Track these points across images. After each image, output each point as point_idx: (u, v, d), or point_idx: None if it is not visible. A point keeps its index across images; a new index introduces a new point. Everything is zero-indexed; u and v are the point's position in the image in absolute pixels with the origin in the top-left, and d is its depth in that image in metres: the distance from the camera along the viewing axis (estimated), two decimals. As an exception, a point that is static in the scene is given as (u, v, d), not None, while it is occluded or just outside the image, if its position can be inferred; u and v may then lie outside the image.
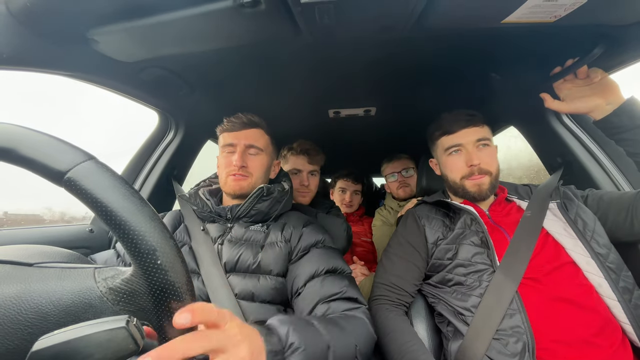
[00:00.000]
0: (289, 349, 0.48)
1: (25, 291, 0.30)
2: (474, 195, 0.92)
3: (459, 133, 0.94)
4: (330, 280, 0.77)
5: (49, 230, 1.02)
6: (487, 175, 0.91)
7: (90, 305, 0.31)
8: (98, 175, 0.31)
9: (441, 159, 1.00)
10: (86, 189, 0.30)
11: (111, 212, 0.30)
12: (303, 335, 0.51)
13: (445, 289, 0.87)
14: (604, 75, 0.77)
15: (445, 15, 0.65)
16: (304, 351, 0.49)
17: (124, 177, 0.36)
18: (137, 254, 0.30)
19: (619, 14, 0.66)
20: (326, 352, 0.54)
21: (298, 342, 0.49)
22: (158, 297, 0.32)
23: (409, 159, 1.78)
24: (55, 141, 0.31)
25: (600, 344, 0.66)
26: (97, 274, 0.33)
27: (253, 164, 0.94)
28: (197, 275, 0.81)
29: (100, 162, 0.32)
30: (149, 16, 0.63)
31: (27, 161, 0.30)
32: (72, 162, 0.30)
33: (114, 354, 0.28)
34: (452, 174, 0.96)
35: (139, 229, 0.30)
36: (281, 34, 0.71)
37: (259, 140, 0.97)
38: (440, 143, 0.98)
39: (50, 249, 0.41)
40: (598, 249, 0.76)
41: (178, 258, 0.33)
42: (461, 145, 0.93)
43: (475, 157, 0.90)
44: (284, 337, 0.49)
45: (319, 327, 0.57)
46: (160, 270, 0.31)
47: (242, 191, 0.93)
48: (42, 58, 0.70)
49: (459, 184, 0.94)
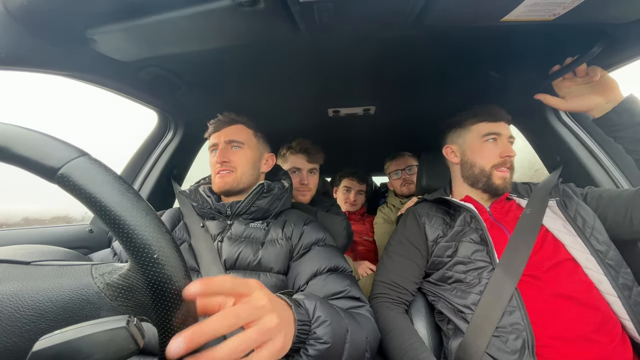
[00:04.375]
0: (316, 321, 0.50)
1: (22, 289, 0.30)
2: (497, 187, 0.92)
3: (500, 123, 0.96)
4: (332, 279, 0.77)
5: (48, 231, 1.02)
6: (511, 170, 0.94)
7: (88, 301, 0.31)
8: (91, 171, 0.31)
9: (472, 145, 0.98)
10: (79, 185, 0.30)
11: (105, 208, 0.30)
12: (328, 311, 0.53)
13: (445, 286, 0.87)
14: (603, 73, 0.77)
15: (444, 14, 0.65)
16: (330, 325, 0.51)
17: (122, 176, 0.36)
18: (133, 248, 0.30)
19: (618, 12, 0.66)
20: (345, 334, 0.55)
21: (325, 316, 0.51)
22: (156, 291, 0.31)
23: (412, 157, 1.80)
24: (47, 138, 0.31)
25: (600, 341, 0.67)
26: (95, 270, 0.33)
27: (235, 158, 0.95)
28: (196, 272, 0.81)
29: (93, 158, 0.32)
30: (148, 15, 0.63)
31: (20, 159, 0.30)
32: (65, 158, 0.30)
33: (115, 354, 0.28)
34: (483, 160, 0.95)
35: (134, 224, 0.30)
36: (280, 32, 0.71)
37: (238, 134, 0.98)
38: (477, 128, 0.98)
39: (47, 248, 0.41)
40: (597, 246, 0.76)
41: (175, 252, 0.32)
42: (499, 134, 0.94)
43: (511, 149, 0.93)
44: (312, 310, 0.51)
45: (339, 311, 0.59)
46: (157, 264, 0.31)
47: (226, 187, 0.93)
48: (40, 58, 0.70)
49: (487, 172, 0.94)
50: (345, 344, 0.55)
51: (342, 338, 0.54)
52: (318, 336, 0.49)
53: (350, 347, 0.55)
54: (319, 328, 0.50)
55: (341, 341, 0.54)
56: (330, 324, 0.51)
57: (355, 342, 0.57)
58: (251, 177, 0.98)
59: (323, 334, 0.49)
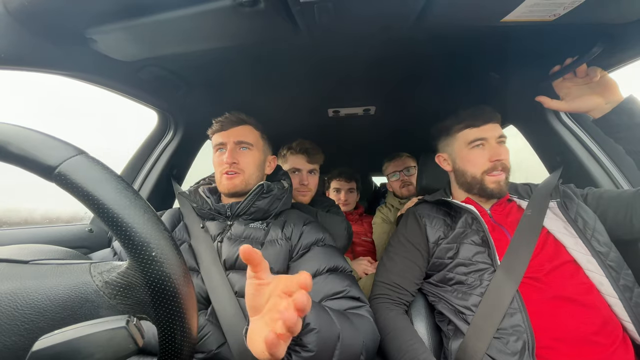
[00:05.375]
0: (305, 328, 0.49)
1: (20, 288, 0.30)
2: (492, 191, 0.91)
3: (484, 127, 0.93)
4: (332, 279, 0.77)
5: (48, 230, 1.02)
6: (505, 172, 0.91)
7: (87, 299, 0.31)
8: (89, 170, 0.31)
9: (460, 153, 0.97)
10: (77, 183, 0.30)
11: (103, 206, 0.30)
12: (319, 319, 0.52)
13: (445, 287, 0.87)
14: (603, 73, 0.77)
15: (445, 14, 0.65)
16: (317, 333, 0.50)
17: (122, 176, 0.36)
18: (132, 246, 0.30)
19: (618, 12, 0.65)
20: (336, 341, 0.55)
21: (314, 324, 0.50)
22: (155, 289, 0.32)
23: (411, 158, 1.78)
24: (43, 137, 0.31)
25: (600, 342, 0.66)
26: (93, 268, 0.33)
27: (244, 160, 0.95)
28: (196, 273, 0.81)
29: (90, 156, 0.32)
30: (148, 15, 0.63)
31: (17, 158, 0.30)
32: (62, 156, 0.30)
33: (114, 354, 0.28)
34: (473, 168, 0.94)
35: (132, 222, 0.30)
36: (280, 33, 0.71)
37: (248, 136, 0.98)
38: (462, 136, 0.96)
39: (46, 247, 0.41)
40: (598, 248, 0.76)
41: (173, 249, 0.32)
42: (485, 139, 0.92)
43: (500, 152, 0.90)
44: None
45: (332, 316, 0.58)
46: (155, 262, 0.31)
47: (235, 189, 0.93)
48: (40, 58, 0.70)
49: (479, 179, 0.92)
50: (335, 351, 0.54)
51: (331, 346, 0.53)
52: (304, 344, 0.49)
53: (341, 354, 0.55)
54: (307, 336, 0.49)
55: (330, 349, 0.53)
56: (319, 332, 0.50)
57: (347, 348, 0.56)
58: (257, 179, 0.98)
59: (309, 342, 0.49)
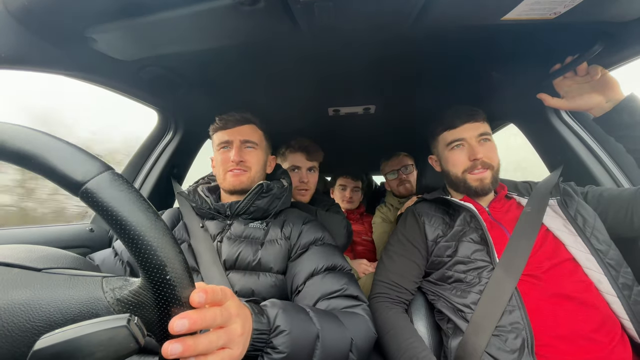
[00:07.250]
0: (275, 331, 0.50)
1: (34, 298, 0.30)
2: (476, 189, 0.92)
3: (461, 128, 0.94)
4: (330, 278, 0.77)
5: (49, 230, 1.02)
6: (489, 169, 0.91)
7: (97, 315, 0.31)
8: (114, 188, 0.31)
9: (443, 155, 1.00)
10: (102, 202, 0.30)
11: (125, 226, 0.30)
12: (291, 320, 0.53)
13: (445, 286, 0.87)
14: (603, 72, 0.77)
15: (445, 13, 0.65)
16: (288, 335, 0.51)
17: (123, 175, 0.36)
18: (148, 268, 0.31)
19: (619, 11, 0.65)
20: (314, 341, 0.55)
21: (284, 326, 0.51)
22: (163, 310, 0.32)
23: (408, 157, 1.78)
24: (74, 150, 0.31)
25: (599, 340, 0.67)
26: (105, 283, 0.34)
27: (250, 159, 0.96)
28: (196, 272, 0.81)
29: (117, 173, 0.32)
30: (148, 14, 0.63)
31: (47, 170, 0.30)
32: (90, 173, 0.30)
33: (115, 353, 0.28)
34: (454, 168, 0.96)
35: (152, 244, 0.31)
36: (280, 32, 0.71)
37: (253, 135, 0.98)
38: (442, 138, 0.98)
39: (56, 252, 0.41)
40: (598, 246, 0.76)
41: (186, 273, 0.33)
42: (463, 139, 0.93)
43: (478, 150, 0.91)
44: (272, 319, 0.51)
45: (312, 316, 0.59)
46: (169, 285, 0.32)
47: (241, 186, 0.93)
48: (40, 57, 0.70)
49: (461, 178, 0.94)
50: (315, 350, 0.55)
51: (307, 346, 0.54)
52: (274, 346, 0.49)
53: (322, 353, 0.55)
54: (277, 338, 0.50)
55: (306, 348, 0.54)
56: (289, 334, 0.51)
57: (330, 347, 0.57)
58: (260, 178, 0.99)
59: (279, 344, 0.50)
